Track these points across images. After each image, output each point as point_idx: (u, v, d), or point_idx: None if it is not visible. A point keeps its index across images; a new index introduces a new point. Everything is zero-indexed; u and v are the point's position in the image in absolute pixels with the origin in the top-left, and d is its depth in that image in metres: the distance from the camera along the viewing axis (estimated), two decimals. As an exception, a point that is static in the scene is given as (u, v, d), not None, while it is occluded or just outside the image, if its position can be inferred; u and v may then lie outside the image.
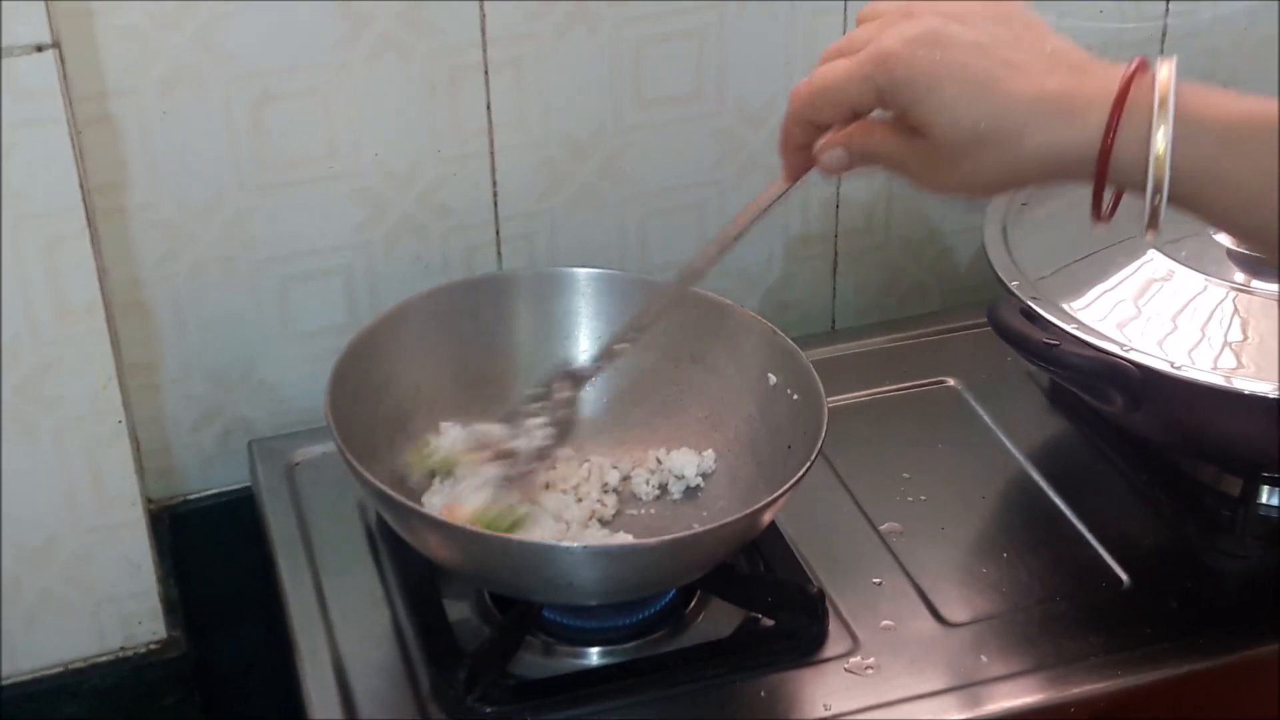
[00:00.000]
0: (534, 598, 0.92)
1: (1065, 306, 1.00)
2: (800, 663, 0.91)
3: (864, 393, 1.14)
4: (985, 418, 1.12)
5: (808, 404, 0.95)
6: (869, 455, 1.08)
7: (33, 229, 0.89)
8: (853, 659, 0.92)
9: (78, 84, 0.95)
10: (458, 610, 0.95)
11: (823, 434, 0.91)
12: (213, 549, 1.11)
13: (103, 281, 0.93)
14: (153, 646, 1.03)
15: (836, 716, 0.88)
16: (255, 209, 1.05)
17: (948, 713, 0.89)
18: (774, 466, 0.95)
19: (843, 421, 1.05)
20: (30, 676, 1.00)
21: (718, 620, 0.95)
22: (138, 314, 1.05)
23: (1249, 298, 0.99)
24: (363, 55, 1.03)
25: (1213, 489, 1.04)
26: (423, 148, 1.08)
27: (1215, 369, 0.95)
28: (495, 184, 1.11)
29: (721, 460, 1.02)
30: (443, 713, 0.88)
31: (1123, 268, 1.03)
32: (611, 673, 0.92)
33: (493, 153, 1.10)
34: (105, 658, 1.02)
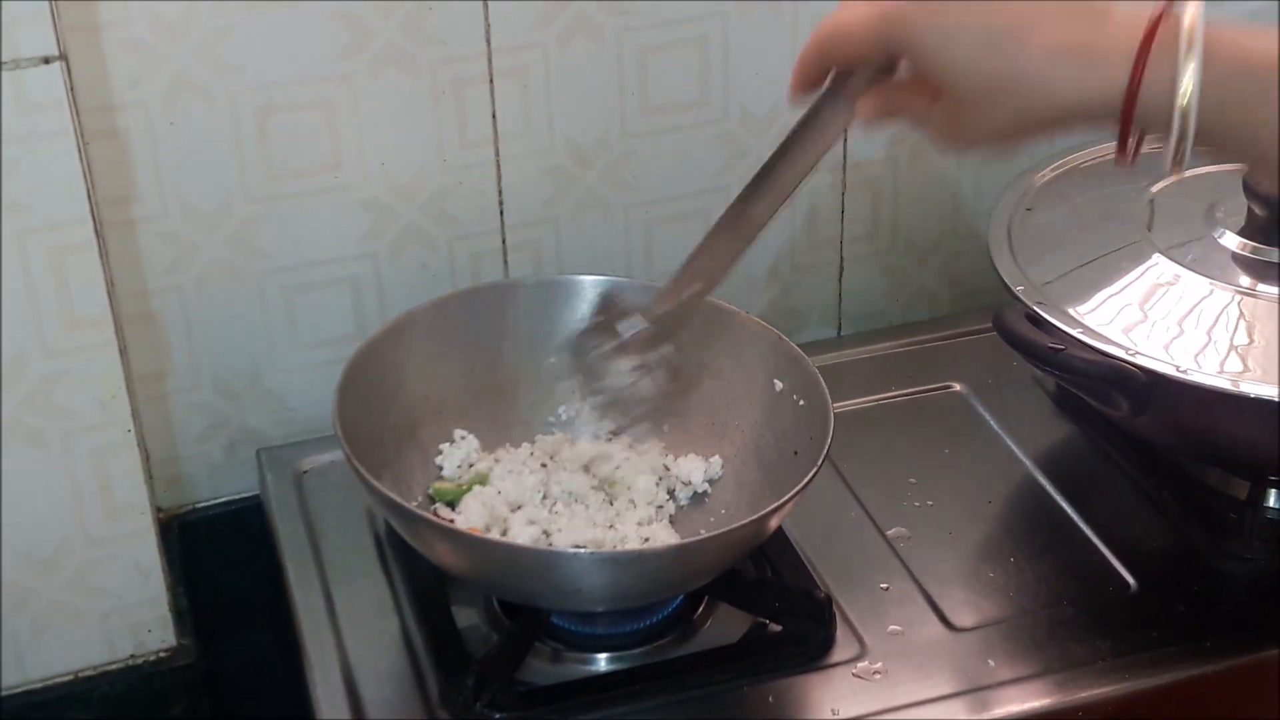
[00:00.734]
0: (542, 604, 0.92)
1: (1070, 311, 1.00)
2: (808, 668, 0.92)
3: (870, 398, 1.15)
4: (991, 422, 1.13)
5: (814, 409, 0.95)
6: (875, 460, 1.08)
7: (41, 240, 0.90)
8: (860, 664, 0.92)
9: (85, 96, 0.95)
10: (466, 617, 0.96)
11: (829, 439, 0.92)
12: (222, 557, 1.11)
13: (111, 292, 0.93)
14: (162, 654, 1.03)
15: (844, 721, 0.89)
16: (262, 219, 1.06)
17: (955, 717, 0.89)
18: (780, 472, 0.95)
19: (849, 427, 1.05)
20: (41, 685, 1.01)
21: (725, 626, 0.95)
22: (146, 324, 1.06)
23: (1254, 301, 0.99)
24: (367, 65, 1.03)
25: (1219, 492, 1.05)
26: (428, 157, 1.08)
27: (1221, 373, 0.95)
28: (501, 192, 1.11)
29: (728, 466, 1.02)
30: (451, 719, 0.88)
31: (1128, 272, 1.03)
32: (620, 678, 0.92)
33: (498, 161, 1.10)
34: (115, 666, 1.02)
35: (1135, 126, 0.72)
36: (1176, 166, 0.72)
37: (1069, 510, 1.04)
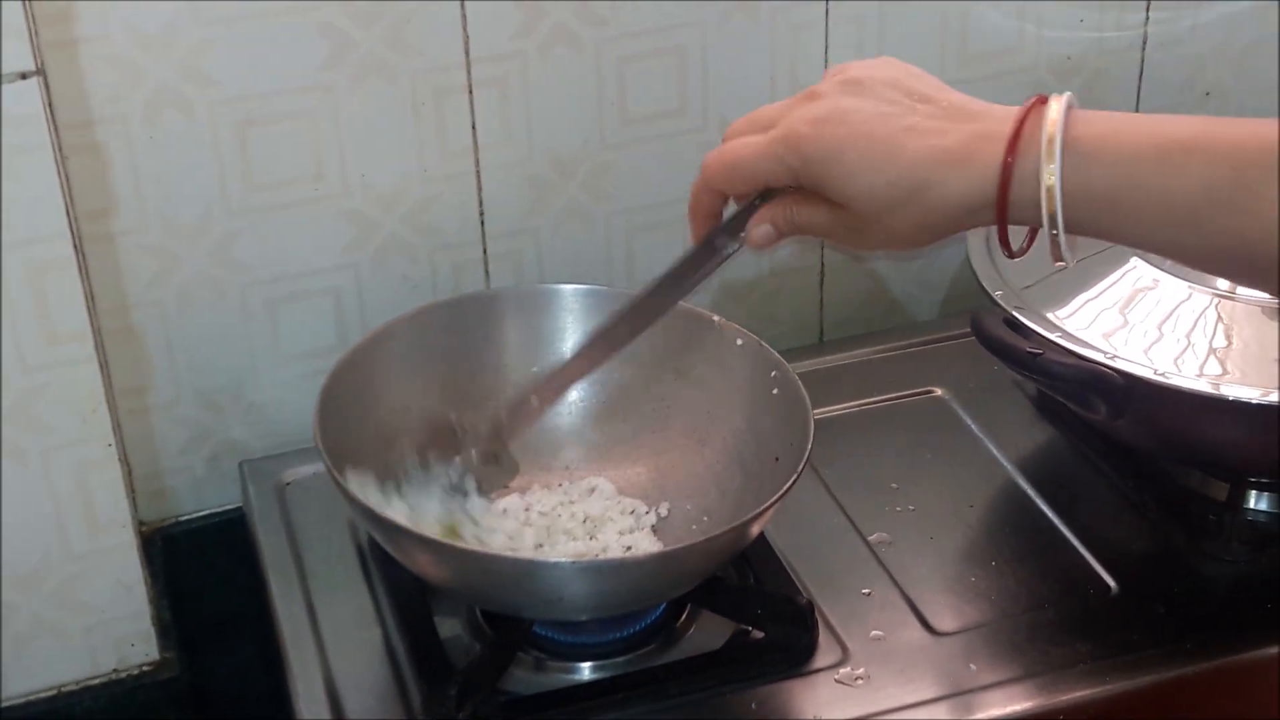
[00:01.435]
0: (524, 613, 0.92)
1: (1050, 316, 1.00)
2: (790, 674, 0.92)
3: (852, 404, 1.15)
4: (973, 427, 1.13)
5: (794, 416, 0.95)
6: (857, 466, 1.09)
7: (20, 256, 0.90)
8: (843, 669, 0.92)
9: (63, 111, 0.95)
10: (449, 627, 0.96)
11: (809, 445, 0.92)
12: (205, 570, 1.11)
13: (91, 307, 0.93)
14: (146, 668, 1.03)
15: (826, 727, 0.89)
16: (242, 232, 1.06)
17: (938, 721, 0.89)
18: (762, 479, 0.95)
19: (831, 433, 1.06)
20: (23, 700, 1.01)
21: (708, 633, 0.96)
22: (127, 338, 1.06)
23: (1233, 304, 1.00)
24: (347, 77, 1.04)
25: (1199, 495, 1.05)
26: (408, 168, 1.08)
27: (1201, 376, 0.95)
28: (481, 203, 1.12)
29: (709, 473, 1.02)
30: (434, 730, 0.88)
31: (1107, 277, 1.03)
32: (603, 687, 0.92)
33: (478, 172, 1.10)
34: (98, 680, 1.02)
35: (1014, 222, 0.76)
36: (1055, 258, 0.77)
37: (1050, 514, 1.05)
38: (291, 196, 1.06)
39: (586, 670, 0.94)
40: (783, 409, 0.97)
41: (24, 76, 0.86)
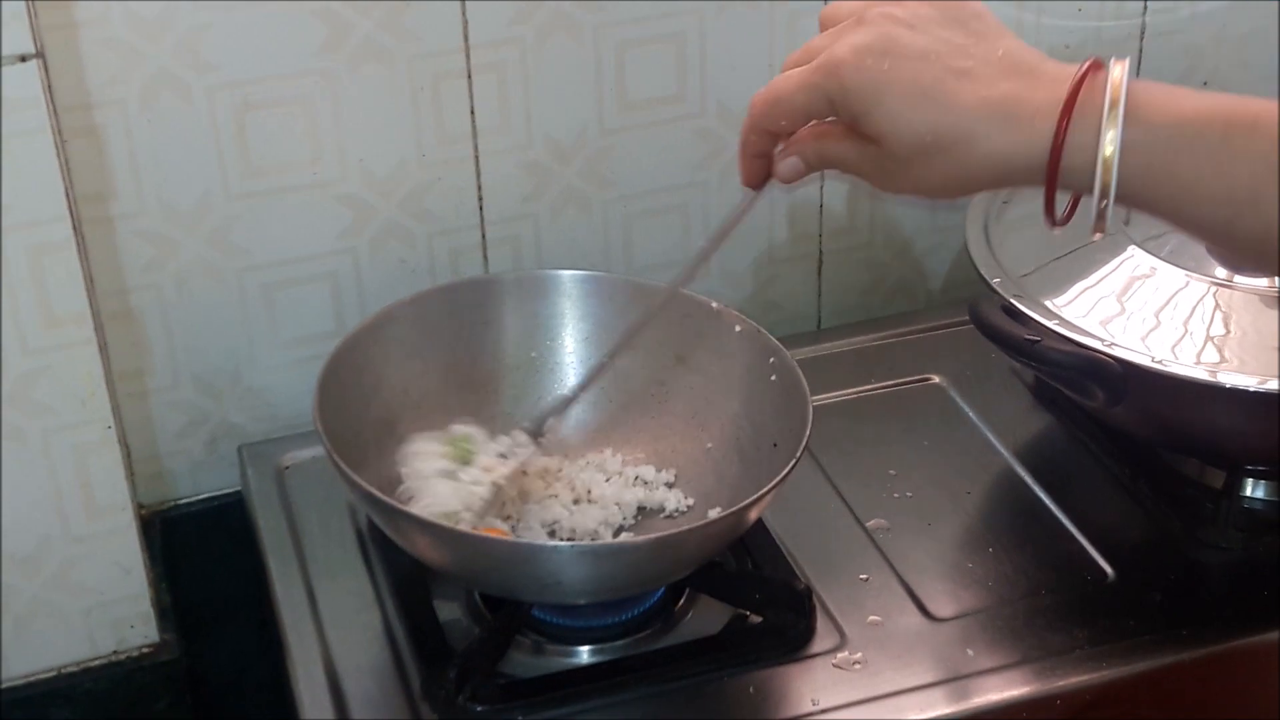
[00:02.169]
0: (523, 597, 0.92)
1: (1048, 303, 1.00)
2: (788, 658, 0.92)
3: (850, 390, 1.15)
4: (970, 414, 1.13)
5: (793, 402, 0.95)
6: (855, 452, 1.09)
7: (19, 239, 0.90)
8: (840, 654, 0.92)
9: (62, 94, 0.95)
10: (448, 611, 0.96)
11: (808, 431, 0.92)
12: (204, 553, 1.11)
13: (90, 290, 0.93)
14: (145, 650, 1.03)
15: (824, 711, 0.89)
16: (240, 216, 1.06)
17: (935, 707, 0.90)
18: (760, 464, 0.96)
19: (829, 419, 1.06)
20: (23, 681, 1.01)
21: (706, 617, 0.96)
22: (125, 321, 1.06)
23: (1230, 292, 1.00)
24: (345, 62, 1.03)
25: (1196, 482, 1.05)
26: (407, 153, 1.08)
27: (1199, 363, 0.96)
28: (480, 188, 1.12)
29: (708, 458, 1.02)
30: (434, 713, 0.88)
31: (1105, 264, 1.03)
32: (601, 670, 0.92)
33: (477, 157, 1.10)
34: (98, 662, 1.02)
35: (1061, 188, 0.73)
36: (1098, 227, 0.73)
37: (1047, 501, 1.05)
38: (289, 181, 1.06)
39: (585, 654, 0.94)
40: (781, 395, 0.97)
41: (23, 59, 0.86)
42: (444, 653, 0.91)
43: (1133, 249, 1.03)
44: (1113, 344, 0.96)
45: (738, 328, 1.01)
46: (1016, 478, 1.07)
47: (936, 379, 1.17)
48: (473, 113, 1.09)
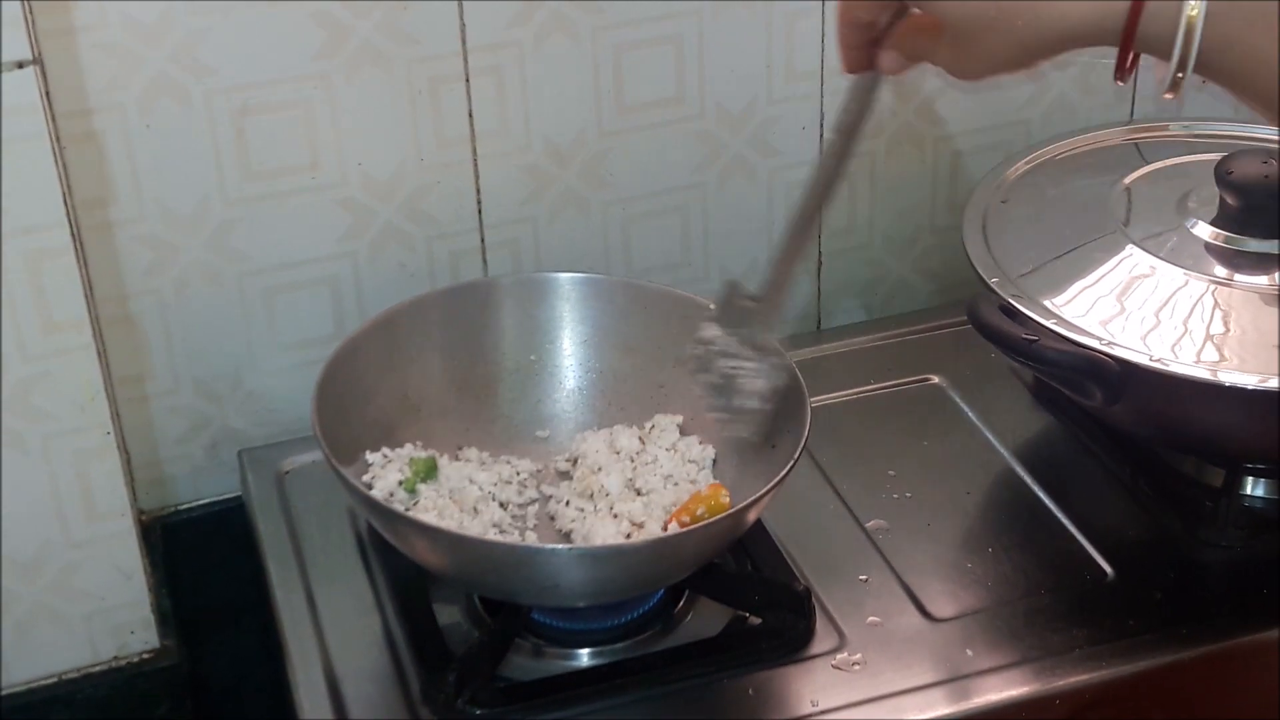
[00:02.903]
0: (522, 600, 0.93)
1: (1046, 303, 1.00)
2: (788, 660, 0.92)
3: (849, 391, 1.15)
4: (970, 414, 1.13)
5: (792, 403, 0.96)
6: (854, 453, 1.09)
7: (18, 245, 0.90)
8: (840, 655, 0.92)
9: (60, 100, 0.95)
10: (447, 614, 0.96)
11: (806, 432, 0.92)
12: (204, 558, 1.11)
13: (89, 295, 0.93)
14: (145, 656, 1.03)
15: (824, 712, 0.89)
16: (239, 221, 1.06)
17: (934, 707, 0.90)
18: (759, 465, 0.96)
19: (828, 420, 1.06)
20: (24, 687, 1.01)
21: (706, 619, 0.96)
22: (125, 327, 1.06)
23: (1229, 291, 1.00)
24: (343, 66, 1.04)
25: (1195, 481, 1.05)
26: (405, 156, 1.08)
27: (1198, 362, 0.96)
28: (479, 191, 1.12)
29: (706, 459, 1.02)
30: (433, 716, 0.89)
31: (1103, 264, 1.03)
32: (601, 673, 0.92)
33: (475, 160, 1.10)
34: (98, 668, 1.02)
35: (1136, 49, 0.73)
36: (1173, 91, 0.73)
37: (1046, 500, 1.05)
38: (288, 185, 1.06)
39: (584, 656, 0.94)
40: (780, 396, 0.97)
41: (21, 65, 0.86)
42: (443, 656, 0.91)
43: (1131, 248, 1.03)
44: (1110, 343, 0.96)
45: (736, 329, 1.01)
46: (1016, 477, 1.07)
47: (936, 379, 1.17)
48: (471, 116, 1.09)
